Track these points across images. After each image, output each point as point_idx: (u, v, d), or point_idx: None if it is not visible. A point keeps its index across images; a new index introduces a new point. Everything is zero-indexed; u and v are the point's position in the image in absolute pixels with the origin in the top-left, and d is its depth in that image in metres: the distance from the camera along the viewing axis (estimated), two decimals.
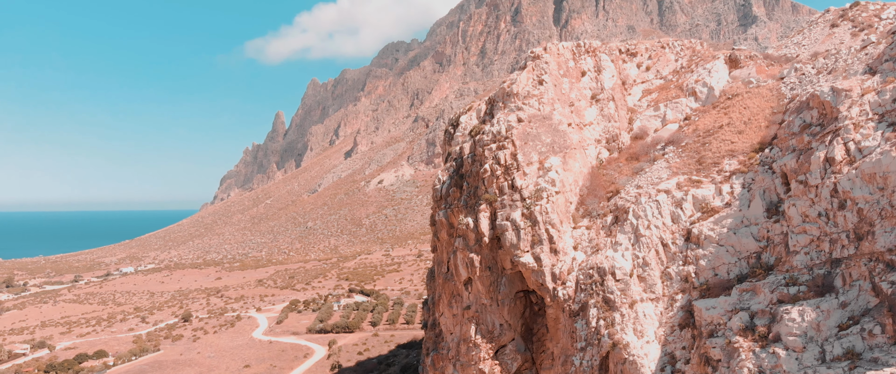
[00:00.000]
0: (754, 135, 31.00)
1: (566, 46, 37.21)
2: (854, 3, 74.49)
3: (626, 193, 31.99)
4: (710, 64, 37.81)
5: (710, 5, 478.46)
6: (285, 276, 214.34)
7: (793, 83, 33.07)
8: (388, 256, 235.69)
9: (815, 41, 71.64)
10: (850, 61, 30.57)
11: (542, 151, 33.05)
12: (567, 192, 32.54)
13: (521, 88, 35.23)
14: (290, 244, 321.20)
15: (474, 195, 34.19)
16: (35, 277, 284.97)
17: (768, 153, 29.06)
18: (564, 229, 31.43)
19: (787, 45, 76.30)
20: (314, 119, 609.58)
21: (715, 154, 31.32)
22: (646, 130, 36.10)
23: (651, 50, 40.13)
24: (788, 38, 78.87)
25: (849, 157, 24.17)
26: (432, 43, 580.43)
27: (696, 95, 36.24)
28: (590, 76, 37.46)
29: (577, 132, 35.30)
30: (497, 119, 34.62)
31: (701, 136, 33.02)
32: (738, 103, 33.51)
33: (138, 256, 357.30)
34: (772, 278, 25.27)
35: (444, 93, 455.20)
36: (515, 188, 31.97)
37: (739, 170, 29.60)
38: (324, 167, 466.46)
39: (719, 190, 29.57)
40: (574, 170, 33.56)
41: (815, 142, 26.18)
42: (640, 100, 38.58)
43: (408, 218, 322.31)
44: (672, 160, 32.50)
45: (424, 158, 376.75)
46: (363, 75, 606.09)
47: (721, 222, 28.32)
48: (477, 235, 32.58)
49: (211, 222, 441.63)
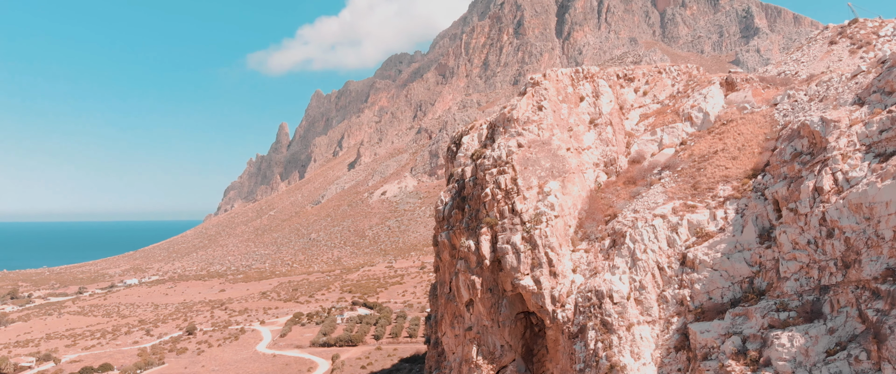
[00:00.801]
0: (748, 161, 31.86)
1: (565, 73, 38.19)
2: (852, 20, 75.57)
3: (623, 216, 32.84)
4: (705, 89, 38.75)
5: (712, 17, 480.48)
6: (289, 288, 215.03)
7: (786, 110, 33.96)
8: (391, 267, 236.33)
9: (814, 58, 72.74)
10: (841, 90, 31.45)
11: (542, 176, 33.95)
12: (566, 215, 33.41)
13: (521, 113, 36.18)
14: (293, 256, 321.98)
15: (476, 218, 35.08)
16: (39, 288, 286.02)
17: (761, 180, 29.91)
18: (563, 252, 32.26)
19: (787, 61, 77.48)
20: (318, 130, 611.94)
21: (710, 179, 32.18)
22: (643, 154, 36.99)
23: (648, 75, 41.10)
24: (788, 55, 79.93)
25: (837, 186, 25.02)
26: (435, 55, 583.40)
27: (692, 120, 37.16)
28: (588, 101, 38.41)
29: (576, 156, 36.21)
30: (498, 144, 35.56)
31: (696, 161, 33.90)
32: (733, 129, 34.40)
33: (142, 267, 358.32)
34: (763, 303, 26.07)
35: (446, 104, 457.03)
36: (516, 212, 32.85)
37: (733, 196, 30.45)
38: (327, 179, 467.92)
39: (714, 215, 30.41)
40: (573, 194, 34.44)
41: (805, 171, 27.05)
42: (638, 124, 39.51)
43: (411, 229, 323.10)
44: (668, 185, 33.36)
45: (427, 169, 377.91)
46: (367, 87, 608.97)
47: (715, 247, 29.15)
48: (478, 257, 33.44)
49: (215, 233, 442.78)
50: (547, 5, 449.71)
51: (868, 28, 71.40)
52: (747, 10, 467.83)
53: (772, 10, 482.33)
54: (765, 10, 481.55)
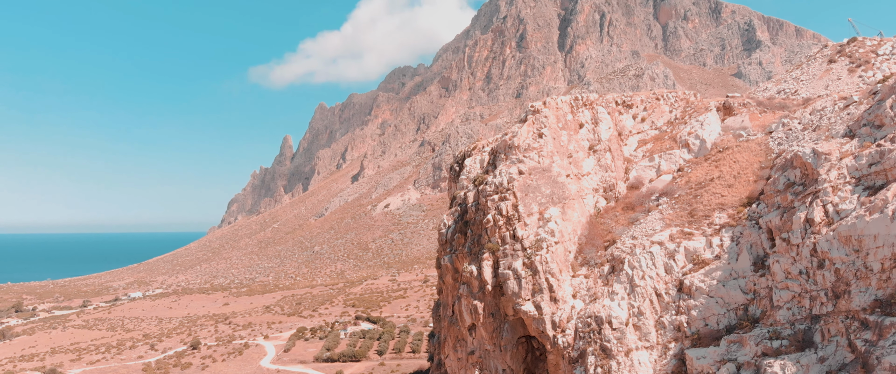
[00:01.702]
0: (743, 189, 32.67)
1: (564, 100, 39.12)
2: (851, 39, 76.52)
3: (622, 243, 33.63)
4: (702, 116, 39.61)
5: (714, 30, 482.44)
6: (292, 302, 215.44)
7: (780, 138, 34.78)
8: (394, 281, 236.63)
9: (813, 77, 73.69)
10: (834, 120, 32.29)
11: (542, 202, 34.78)
12: (566, 241, 34.21)
13: (522, 140, 37.08)
14: (296, 269, 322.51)
15: (478, 243, 35.89)
16: (44, 301, 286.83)
17: (755, 208, 30.71)
18: (563, 277, 33.04)
19: (787, 79, 78.48)
20: (321, 143, 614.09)
21: (706, 207, 32.98)
22: (641, 179, 37.82)
23: (646, 101, 42.01)
24: (788, 72, 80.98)
25: (827, 218, 25.81)
26: (438, 68, 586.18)
27: (689, 146, 38.00)
28: (587, 128, 39.31)
29: (576, 182, 37.05)
30: (499, 171, 36.43)
31: (693, 188, 34.71)
32: (729, 157, 35.22)
33: (146, 280, 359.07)
34: (757, 330, 26.80)
35: (449, 117, 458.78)
36: (517, 238, 33.66)
37: (728, 223, 31.24)
38: (331, 191, 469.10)
39: (710, 243, 31.18)
40: (573, 220, 35.26)
41: (797, 201, 27.85)
42: (636, 150, 40.37)
43: (414, 242, 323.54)
44: (665, 212, 34.16)
45: (430, 182, 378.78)
46: (370, 100, 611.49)
47: (711, 274, 29.91)
48: (480, 282, 34.22)
49: (218, 246, 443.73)
50: (549, 19, 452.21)
51: (867, 47, 72.36)
52: (749, 23, 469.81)
53: (774, 23, 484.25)
54: (767, 22, 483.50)
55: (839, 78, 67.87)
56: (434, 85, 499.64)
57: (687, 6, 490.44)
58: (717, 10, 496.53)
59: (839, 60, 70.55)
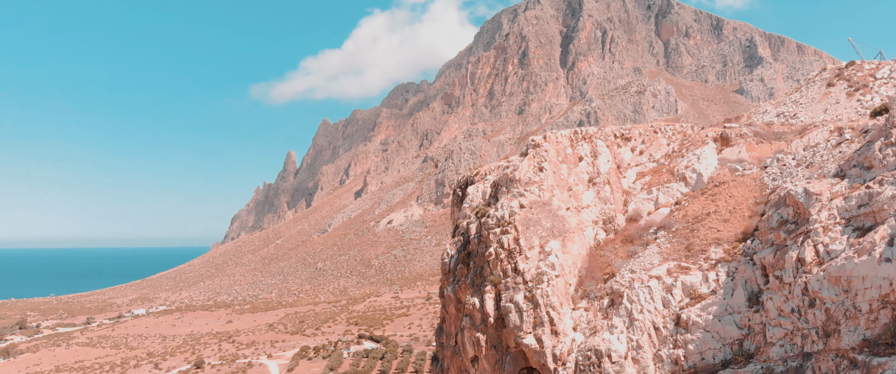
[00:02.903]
0: (738, 224, 33.55)
1: (564, 135, 40.14)
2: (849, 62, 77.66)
3: (621, 276, 34.48)
4: (699, 150, 40.58)
5: (715, 47, 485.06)
6: (295, 320, 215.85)
7: (775, 174, 35.70)
8: (397, 298, 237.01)
9: (812, 100, 74.85)
10: (826, 157, 33.21)
11: (543, 236, 35.68)
12: (566, 274, 35.06)
13: (523, 174, 38.05)
14: (299, 286, 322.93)
15: (480, 275, 36.75)
16: (47, 318, 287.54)
17: (750, 244, 31.57)
18: (564, 310, 33.86)
19: (786, 102, 79.55)
20: (325, 159, 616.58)
21: (702, 241, 33.85)
22: (640, 212, 38.73)
23: (644, 134, 43.01)
24: (787, 95, 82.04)
25: (818, 258, 26.67)
26: (441, 84, 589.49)
27: (686, 180, 38.94)
28: (587, 161, 40.30)
29: (575, 215, 37.97)
30: (501, 204, 37.37)
31: (690, 222, 35.60)
32: (725, 191, 36.15)
33: (149, 297, 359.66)
34: (751, 366, 27.58)
35: (452, 133, 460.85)
36: (518, 272, 34.52)
37: (724, 259, 32.09)
38: (334, 207, 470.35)
39: (706, 277, 32.02)
40: (573, 252, 36.13)
41: (789, 240, 28.73)
42: (635, 182, 41.32)
43: (417, 258, 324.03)
44: (663, 245, 35.04)
45: (433, 198, 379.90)
46: (373, 116, 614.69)
47: (707, 309, 30.73)
48: (483, 315, 35.05)
49: (221, 262, 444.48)
50: (551, 36, 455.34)
51: (865, 70, 73.52)
52: (750, 40, 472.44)
53: (775, 40, 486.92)
54: (768, 39, 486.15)
55: (838, 101, 68.86)
56: (437, 101, 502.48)
57: (688, 23, 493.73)
58: (719, 26, 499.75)
59: (838, 84, 71.60)
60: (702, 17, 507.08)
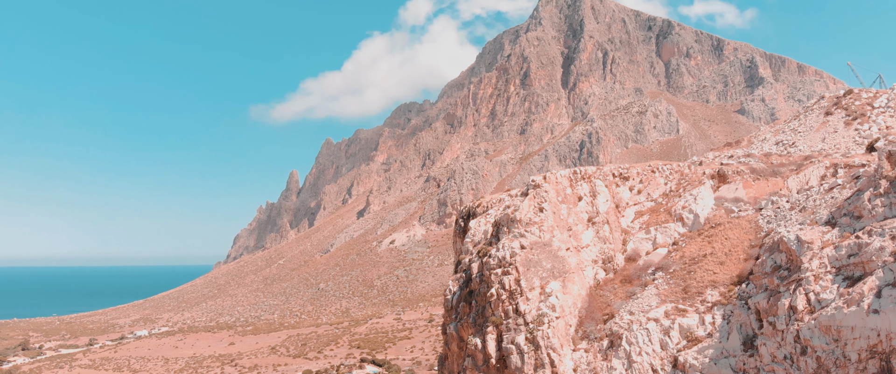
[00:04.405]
0: (734, 267, 34.39)
1: (563, 175, 41.13)
2: (847, 91, 78.77)
3: (620, 317, 35.28)
4: (695, 190, 41.51)
5: (716, 67, 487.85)
6: (298, 342, 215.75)
7: (769, 216, 36.57)
8: (399, 320, 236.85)
9: (810, 129, 75.79)
10: (818, 203, 34.11)
11: (544, 277, 36.52)
12: (567, 315, 35.86)
13: (524, 215, 38.98)
14: (302, 307, 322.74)
15: (482, 315, 37.55)
16: (50, 339, 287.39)
17: (745, 288, 32.40)
18: (565, 352, 34.61)
19: (784, 130, 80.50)
20: (328, 178, 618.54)
21: (699, 283, 34.68)
22: (638, 252, 39.59)
23: (642, 174, 43.98)
24: (786, 123, 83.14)
25: (809, 306, 27.49)
26: (443, 105, 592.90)
27: (683, 220, 39.85)
28: (586, 201, 41.25)
29: (575, 255, 38.83)
30: (502, 244, 38.26)
31: (687, 263, 36.45)
32: (721, 233, 37.03)
33: (152, 317, 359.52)
34: None
35: (455, 153, 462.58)
36: (519, 313, 35.33)
37: (720, 302, 32.90)
38: (336, 227, 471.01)
39: (702, 320, 32.82)
40: (573, 293, 36.95)
41: (782, 286, 29.56)
42: (633, 221, 42.23)
43: (419, 279, 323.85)
44: (661, 287, 35.86)
45: (436, 218, 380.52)
46: (376, 135, 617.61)
47: (704, 352, 31.48)
48: (484, 355, 35.80)
49: (224, 282, 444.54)
50: (552, 57, 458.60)
51: (863, 99, 74.66)
52: (751, 60, 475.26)
53: (776, 60, 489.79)
54: (769, 59, 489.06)
55: (836, 130, 69.92)
56: (439, 121, 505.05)
57: (689, 44, 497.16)
58: (719, 47, 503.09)
59: (836, 113, 72.69)
60: (702, 37, 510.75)
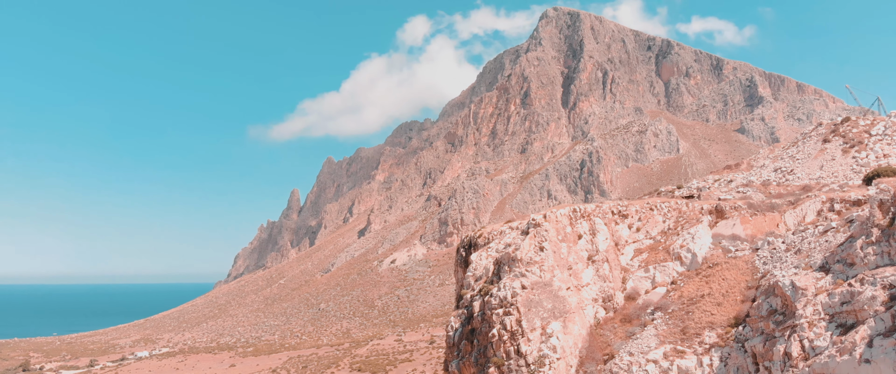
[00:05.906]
0: (731, 309, 35.02)
1: (563, 213, 41.88)
2: (845, 118, 79.71)
3: (620, 358, 35.84)
4: (693, 229, 42.23)
5: (716, 86, 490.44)
6: (298, 364, 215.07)
7: (765, 258, 37.25)
8: (400, 341, 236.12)
9: (808, 156, 76.61)
10: (813, 246, 34.80)
11: (545, 317, 37.15)
12: (567, 356, 36.43)
13: (524, 254, 39.69)
14: (302, 327, 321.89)
15: (484, 355, 38.11)
16: (51, 360, 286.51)
17: (742, 331, 33.02)
18: None
19: (783, 156, 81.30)
20: (329, 197, 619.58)
21: (697, 324, 35.29)
22: (638, 290, 40.22)
23: (641, 212, 44.73)
24: (784, 150, 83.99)
25: (804, 353, 28.11)
26: (444, 124, 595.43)
27: (682, 259, 40.53)
28: (585, 239, 41.96)
29: (576, 294, 39.47)
30: (503, 284, 38.93)
31: (685, 304, 37.08)
32: (718, 274, 37.69)
33: (153, 338, 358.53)
34: None
35: (456, 172, 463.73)
36: (521, 354, 35.91)
37: (718, 343, 33.51)
38: (337, 246, 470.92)
39: (700, 362, 33.40)
40: (573, 333, 37.54)
41: (777, 331, 30.20)
42: (632, 259, 42.91)
43: (420, 299, 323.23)
44: (660, 327, 36.46)
45: (437, 237, 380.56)
46: (377, 154, 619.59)
47: None
48: None
49: (225, 302, 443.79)
50: (553, 77, 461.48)
51: (860, 126, 75.60)
52: (751, 80, 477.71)
53: (775, 79, 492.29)
54: (768, 78, 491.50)
55: (833, 158, 70.77)
56: (440, 140, 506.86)
57: (689, 63, 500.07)
58: (719, 66, 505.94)
59: (833, 140, 73.58)
60: (702, 57, 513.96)
